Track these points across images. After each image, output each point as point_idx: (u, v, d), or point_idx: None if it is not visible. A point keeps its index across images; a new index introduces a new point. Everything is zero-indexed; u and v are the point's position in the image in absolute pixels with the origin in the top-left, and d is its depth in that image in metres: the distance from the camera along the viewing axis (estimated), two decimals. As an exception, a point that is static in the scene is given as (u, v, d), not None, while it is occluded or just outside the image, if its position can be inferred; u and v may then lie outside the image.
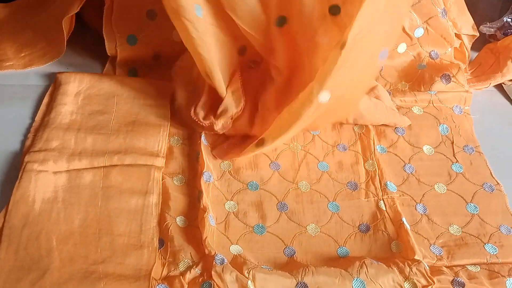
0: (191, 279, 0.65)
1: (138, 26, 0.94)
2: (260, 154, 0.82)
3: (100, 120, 0.83)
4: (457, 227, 0.75)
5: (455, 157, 0.85)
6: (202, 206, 0.72)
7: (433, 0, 0.96)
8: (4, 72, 0.93)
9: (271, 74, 0.83)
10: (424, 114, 0.91)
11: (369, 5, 0.64)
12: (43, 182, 0.72)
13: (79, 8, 0.88)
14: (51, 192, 0.72)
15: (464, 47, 1.01)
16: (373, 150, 0.84)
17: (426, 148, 0.86)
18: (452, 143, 0.88)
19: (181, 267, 0.66)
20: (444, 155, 0.86)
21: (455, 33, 0.99)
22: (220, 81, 0.80)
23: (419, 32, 0.98)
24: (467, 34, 1.01)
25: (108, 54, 0.95)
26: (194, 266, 0.66)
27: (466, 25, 1.00)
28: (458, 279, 0.67)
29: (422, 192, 0.80)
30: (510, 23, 1.03)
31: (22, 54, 0.96)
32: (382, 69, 0.98)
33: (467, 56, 1.01)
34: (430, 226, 0.75)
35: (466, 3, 1.00)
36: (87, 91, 0.87)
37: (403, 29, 0.97)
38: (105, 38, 0.93)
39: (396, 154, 0.85)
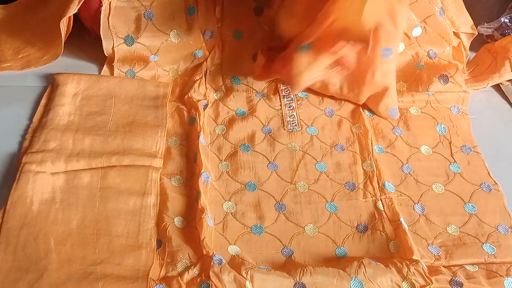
0: (189, 280, 0.65)
1: (135, 26, 0.94)
2: (258, 155, 0.82)
3: (98, 121, 0.83)
4: (455, 227, 0.75)
5: (453, 157, 0.85)
6: (200, 207, 0.72)
7: (430, -1, 0.96)
8: (1, 74, 0.93)
9: None
10: (422, 114, 0.91)
11: None
12: (41, 183, 0.72)
13: (76, 9, 0.88)
14: (49, 193, 0.72)
15: (462, 46, 1.00)
16: (371, 151, 0.84)
17: (424, 148, 0.86)
18: (450, 143, 0.87)
19: (179, 267, 0.66)
20: (442, 155, 0.86)
21: (453, 32, 0.99)
22: None
23: (417, 32, 0.97)
24: (465, 33, 1.00)
25: (106, 55, 0.95)
26: (192, 267, 0.66)
27: (464, 24, 0.99)
28: (456, 278, 0.67)
29: (420, 192, 0.80)
30: (508, 23, 1.03)
31: (20, 56, 0.96)
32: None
33: (465, 55, 1.00)
34: (428, 226, 0.75)
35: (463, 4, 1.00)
36: (85, 92, 0.87)
37: (401, 29, 0.97)
38: (102, 39, 0.93)
39: (394, 154, 0.85)
